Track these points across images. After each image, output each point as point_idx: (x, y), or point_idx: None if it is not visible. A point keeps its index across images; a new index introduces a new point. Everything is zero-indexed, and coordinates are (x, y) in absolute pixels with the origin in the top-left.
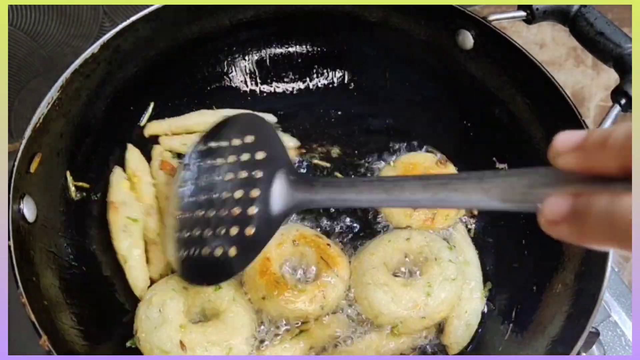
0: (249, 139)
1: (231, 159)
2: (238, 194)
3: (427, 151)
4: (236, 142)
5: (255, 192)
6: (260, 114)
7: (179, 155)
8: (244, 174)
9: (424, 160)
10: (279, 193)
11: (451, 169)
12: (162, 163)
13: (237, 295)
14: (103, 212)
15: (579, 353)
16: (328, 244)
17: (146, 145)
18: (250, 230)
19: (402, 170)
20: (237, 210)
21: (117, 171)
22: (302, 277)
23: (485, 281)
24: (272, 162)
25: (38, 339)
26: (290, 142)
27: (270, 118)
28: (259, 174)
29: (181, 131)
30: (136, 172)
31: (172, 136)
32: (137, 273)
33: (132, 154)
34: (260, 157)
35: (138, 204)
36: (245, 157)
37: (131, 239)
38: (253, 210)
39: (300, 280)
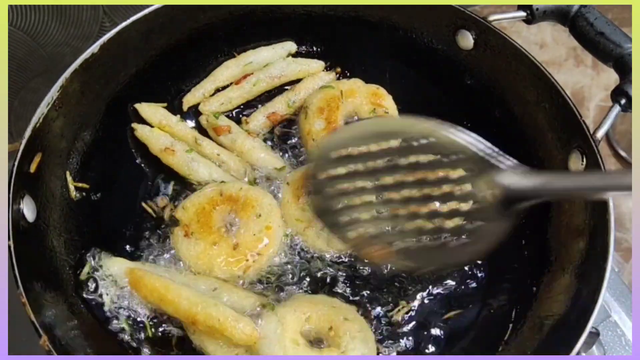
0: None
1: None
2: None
3: None
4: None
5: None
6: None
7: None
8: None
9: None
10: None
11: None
12: (217, 130)
13: None
14: (103, 212)
15: (579, 353)
16: None
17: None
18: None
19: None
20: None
21: (139, 128)
22: None
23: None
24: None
25: (38, 339)
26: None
27: (291, 45)
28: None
29: (214, 90)
30: (162, 120)
31: (208, 99)
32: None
33: (145, 109)
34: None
35: (180, 141)
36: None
37: (201, 162)
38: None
39: None
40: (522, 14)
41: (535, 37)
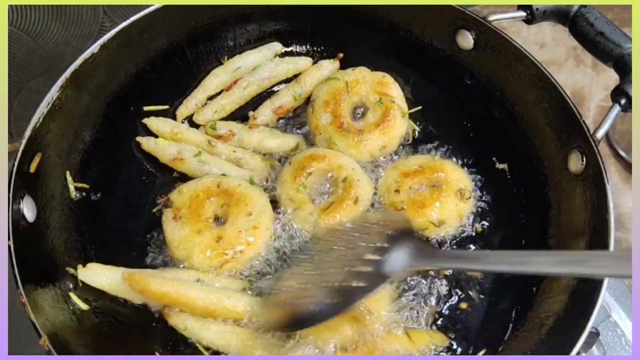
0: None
1: (364, 230)
2: (358, 255)
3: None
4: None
5: (375, 257)
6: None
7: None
8: (371, 243)
9: (423, 161)
10: (396, 259)
11: (469, 205)
12: (221, 139)
13: None
14: (103, 212)
15: (579, 353)
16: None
17: None
18: (356, 283)
19: (401, 175)
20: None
21: (145, 140)
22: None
23: None
24: (401, 237)
25: (38, 339)
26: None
27: (276, 46)
28: (385, 245)
29: (206, 100)
30: (174, 129)
31: (201, 109)
32: (240, 172)
33: (157, 122)
34: (391, 233)
35: (190, 146)
36: (377, 228)
37: (212, 164)
38: (366, 268)
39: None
40: (522, 14)
41: (535, 37)
